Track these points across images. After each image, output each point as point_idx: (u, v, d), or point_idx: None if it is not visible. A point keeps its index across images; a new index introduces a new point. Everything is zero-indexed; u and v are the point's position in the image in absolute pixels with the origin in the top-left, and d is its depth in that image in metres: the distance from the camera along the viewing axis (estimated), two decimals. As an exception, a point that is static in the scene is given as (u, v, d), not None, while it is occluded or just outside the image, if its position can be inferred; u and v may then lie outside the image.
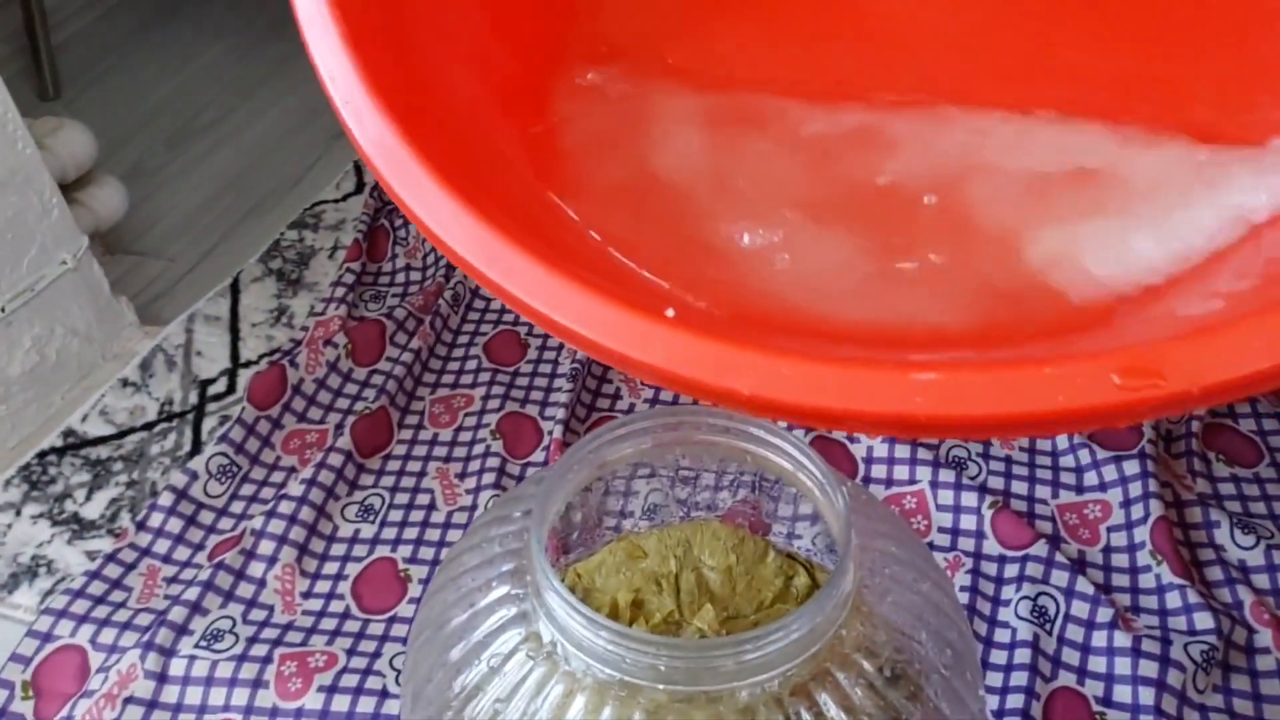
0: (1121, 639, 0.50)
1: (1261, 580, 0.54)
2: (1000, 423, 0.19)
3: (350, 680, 0.50)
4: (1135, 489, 0.57)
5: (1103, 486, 0.58)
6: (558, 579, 0.26)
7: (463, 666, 0.28)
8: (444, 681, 0.29)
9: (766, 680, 0.26)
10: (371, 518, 0.60)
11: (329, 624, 0.54)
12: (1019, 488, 0.59)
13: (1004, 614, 0.53)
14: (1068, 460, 0.60)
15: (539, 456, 0.63)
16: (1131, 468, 0.57)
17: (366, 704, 0.49)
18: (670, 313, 0.20)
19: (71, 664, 0.52)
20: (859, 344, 0.23)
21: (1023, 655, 0.50)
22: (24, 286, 0.63)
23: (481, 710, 0.27)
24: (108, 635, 0.53)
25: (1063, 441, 0.61)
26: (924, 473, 0.59)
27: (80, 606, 0.54)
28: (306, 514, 0.59)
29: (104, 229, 0.73)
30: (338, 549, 0.58)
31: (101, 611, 0.54)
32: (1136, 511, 0.56)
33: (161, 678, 0.51)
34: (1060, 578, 0.53)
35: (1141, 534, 0.55)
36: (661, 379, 0.20)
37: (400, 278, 0.77)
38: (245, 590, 0.56)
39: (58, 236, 0.65)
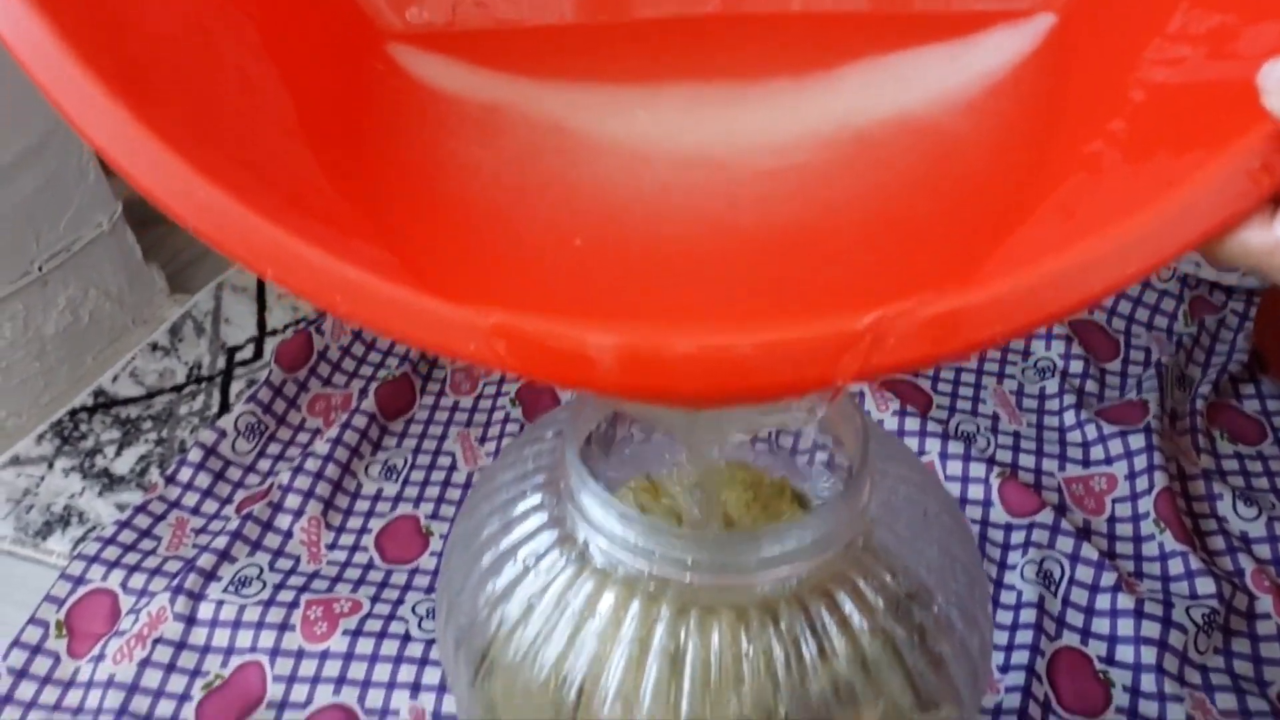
0: (1125, 601, 0.51)
1: (1263, 550, 0.55)
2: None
3: (374, 625, 0.52)
4: (1140, 462, 0.58)
5: (1109, 460, 0.59)
6: (591, 479, 0.28)
7: (497, 569, 0.30)
8: (479, 585, 0.30)
9: (787, 577, 0.27)
10: (394, 477, 0.62)
11: (353, 574, 0.56)
12: (1026, 461, 0.61)
13: (1010, 577, 0.54)
14: (1075, 435, 0.61)
15: (558, 423, 0.65)
16: (1137, 442, 0.59)
17: (390, 646, 0.51)
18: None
19: (103, 606, 0.54)
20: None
21: (1028, 615, 0.51)
22: (60, 247, 0.64)
23: (514, 607, 0.29)
24: (138, 580, 0.54)
25: (1070, 417, 0.62)
26: (933, 444, 0.60)
27: (111, 553, 0.56)
28: (332, 471, 0.60)
29: (135, 199, 0.75)
30: (362, 505, 0.60)
31: (132, 558, 0.56)
32: (1141, 484, 0.57)
33: (190, 620, 0.52)
34: (1065, 544, 0.54)
35: (1146, 504, 0.56)
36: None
37: (423, 253, 0.78)
38: (272, 541, 0.57)
39: (94, 200, 0.66)
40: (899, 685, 0.28)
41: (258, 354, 0.70)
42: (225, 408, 0.66)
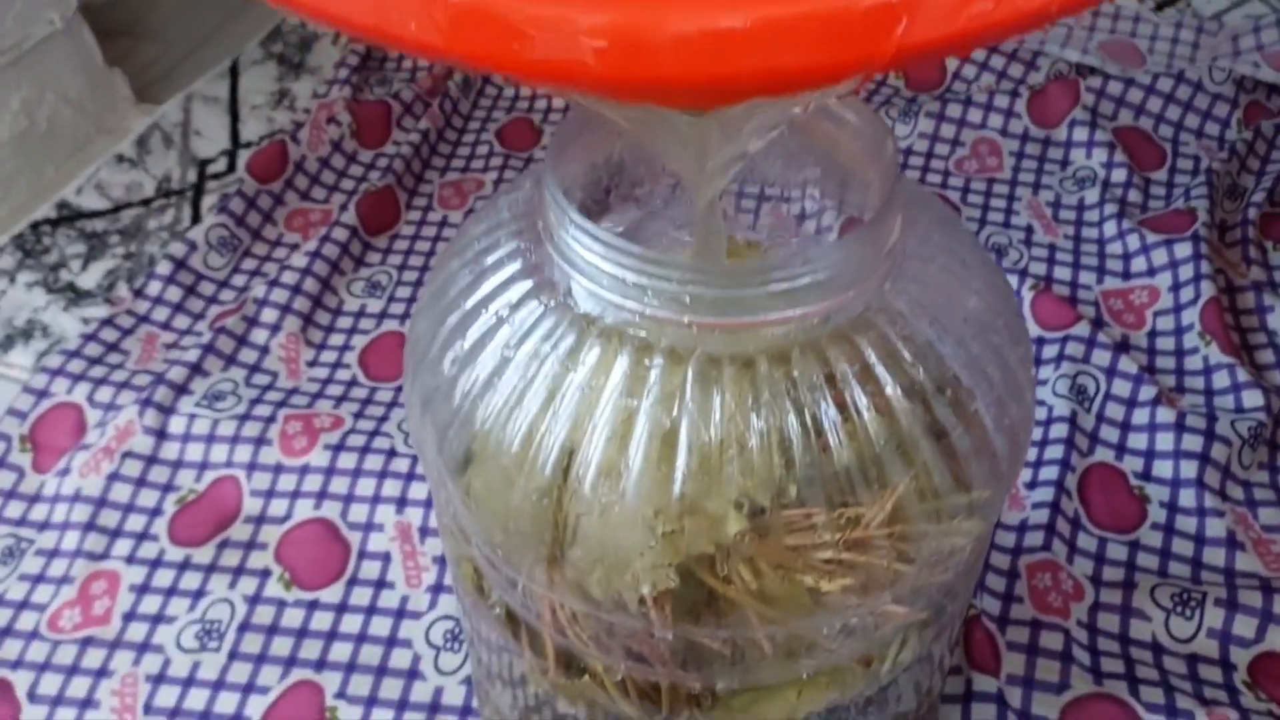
0: (1164, 415, 0.47)
1: (1315, 364, 0.51)
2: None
3: (357, 440, 0.49)
4: (1186, 271, 0.53)
5: (1151, 272, 0.55)
6: (574, 209, 0.23)
7: (467, 324, 0.26)
8: (446, 344, 0.26)
9: (802, 317, 0.23)
10: (379, 293, 0.58)
11: (335, 390, 0.52)
12: (1062, 274, 0.56)
13: (1041, 393, 0.50)
14: (1115, 247, 0.57)
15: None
16: (1183, 251, 0.54)
17: (374, 461, 0.48)
18: None
19: (68, 420, 0.50)
20: None
21: (1059, 430, 0.48)
22: (9, 44, 0.59)
23: (485, 365, 0.25)
24: (105, 393, 0.51)
25: (1110, 228, 0.57)
26: (960, 256, 0.56)
27: (77, 366, 0.52)
28: (310, 286, 0.56)
29: (98, 2, 0.69)
30: (344, 322, 0.56)
31: (98, 371, 0.52)
32: (1186, 294, 0.53)
33: (160, 434, 0.49)
34: (1102, 357, 0.50)
35: (1190, 316, 0.52)
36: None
37: (407, 62, 0.72)
38: (248, 356, 0.53)
39: (44, -6, 0.60)
40: (931, 456, 0.24)
41: (230, 168, 0.65)
42: (197, 222, 0.62)
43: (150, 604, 0.44)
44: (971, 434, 0.25)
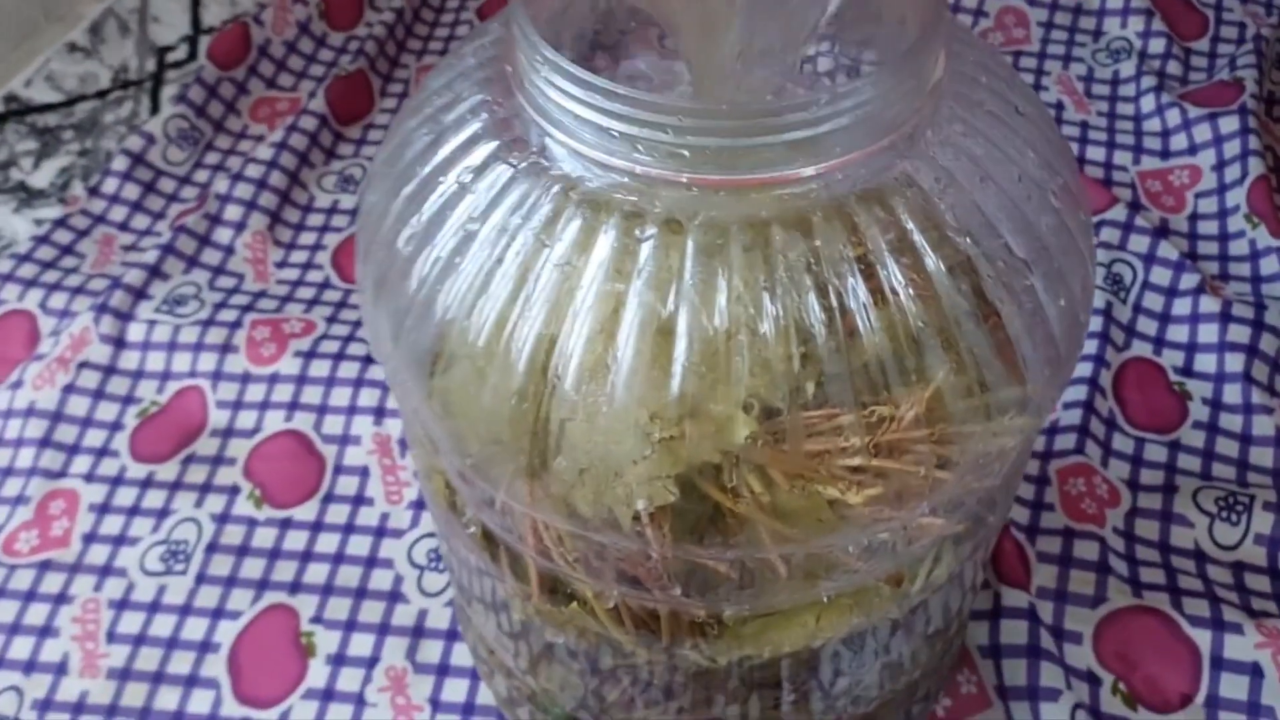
0: (1208, 304, 0.44)
1: (1372, 247, 0.47)
2: None
3: (330, 346, 0.45)
4: (1232, 149, 0.49)
5: (1192, 150, 0.50)
6: (550, 47, 0.19)
7: (425, 194, 0.22)
8: (403, 216, 0.22)
9: (825, 174, 0.19)
10: (352, 188, 0.53)
11: (306, 293, 0.48)
12: (1095, 154, 0.51)
13: (1072, 283, 0.46)
14: (1153, 123, 0.52)
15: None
16: (1229, 125, 0.49)
17: (349, 369, 0.44)
18: None
19: (20, 329, 0.47)
20: None
21: (1092, 323, 0.44)
22: (-63, -82, 0.53)
23: (447, 237, 0.21)
24: (58, 300, 0.47)
25: (1148, 103, 0.52)
26: (984, 137, 0.51)
27: (28, 271, 0.48)
28: (278, 180, 0.52)
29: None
30: (315, 219, 0.52)
31: (52, 276, 0.48)
32: (1232, 173, 0.48)
33: (118, 342, 0.45)
34: (1139, 243, 0.46)
35: (1236, 197, 0.48)
36: None
37: (382, -62, 0.66)
38: (211, 257, 0.49)
39: None
40: (978, 341, 0.21)
41: (192, 55, 0.60)
42: (156, 115, 0.57)
43: (112, 524, 0.41)
44: (1024, 314, 0.21)
